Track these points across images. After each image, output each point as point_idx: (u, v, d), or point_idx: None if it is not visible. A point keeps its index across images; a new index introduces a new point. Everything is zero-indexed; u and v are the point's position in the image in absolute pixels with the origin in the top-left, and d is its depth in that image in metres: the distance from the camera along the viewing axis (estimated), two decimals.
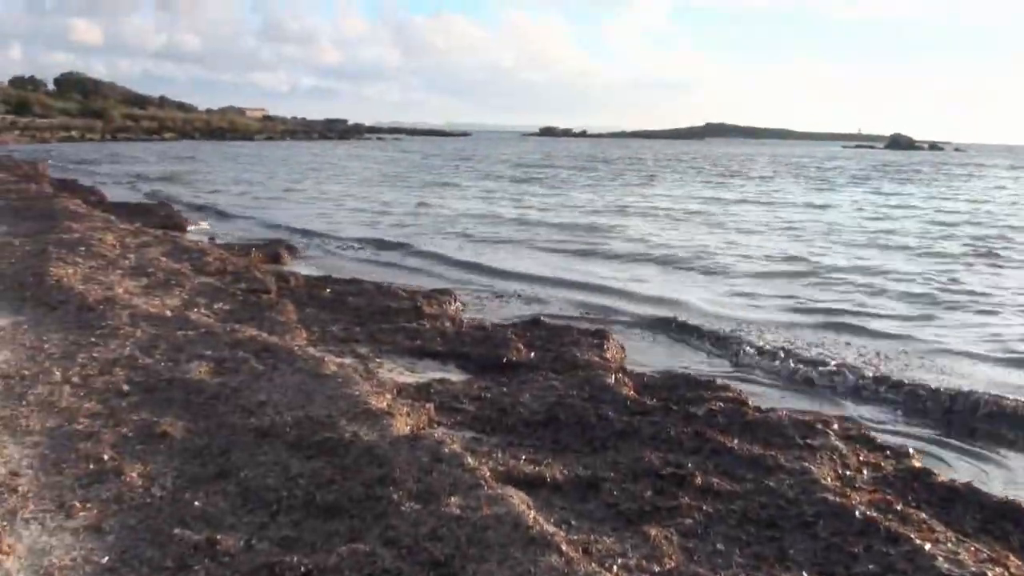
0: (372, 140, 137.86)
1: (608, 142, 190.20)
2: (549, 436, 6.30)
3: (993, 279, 15.16)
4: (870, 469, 6.04)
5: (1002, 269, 16.61)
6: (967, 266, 16.93)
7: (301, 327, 9.21)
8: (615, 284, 13.72)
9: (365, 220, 22.90)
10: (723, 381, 8.18)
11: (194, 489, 4.74)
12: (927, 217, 27.98)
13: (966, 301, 12.97)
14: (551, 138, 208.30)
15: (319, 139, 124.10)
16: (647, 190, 38.35)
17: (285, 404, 6.05)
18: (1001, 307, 12.54)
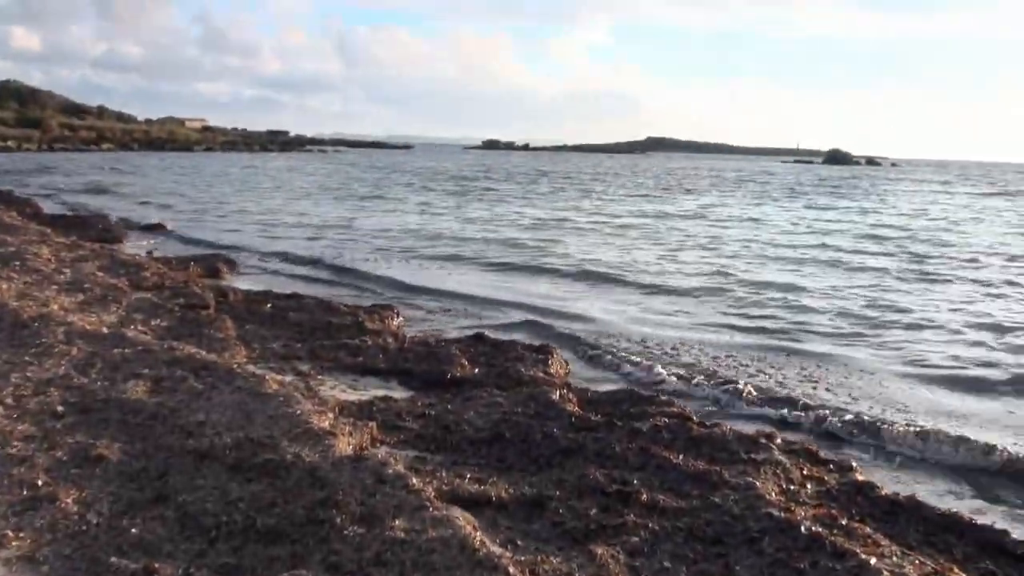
0: (314, 152, 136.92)
1: (550, 155, 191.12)
2: (494, 454, 6.25)
3: (922, 296, 15.25)
4: (814, 483, 6.07)
5: (933, 284, 16.78)
6: (898, 281, 17.08)
7: (241, 344, 9.07)
8: (545, 302, 13.58)
9: (303, 235, 22.62)
10: (667, 396, 8.19)
11: (131, 515, 4.61)
12: (859, 231, 28.29)
13: (892, 318, 13.04)
14: (494, 151, 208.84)
15: (260, 151, 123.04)
16: (585, 203, 38.47)
17: (224, 424, 5.92)
18: (927, 324, 12.61)
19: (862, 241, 25.17)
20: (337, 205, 33.41)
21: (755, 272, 17.67)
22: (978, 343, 11.35)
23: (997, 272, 18.60)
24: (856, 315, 13.19)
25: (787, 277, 17.12)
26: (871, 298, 14.71)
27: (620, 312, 13.03)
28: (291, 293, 12.52)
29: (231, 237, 21.56)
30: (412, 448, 6.30)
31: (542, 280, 16.18)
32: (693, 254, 20.82)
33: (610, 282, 16.00)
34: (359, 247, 20.21)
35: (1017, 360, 10.39)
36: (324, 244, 20.62)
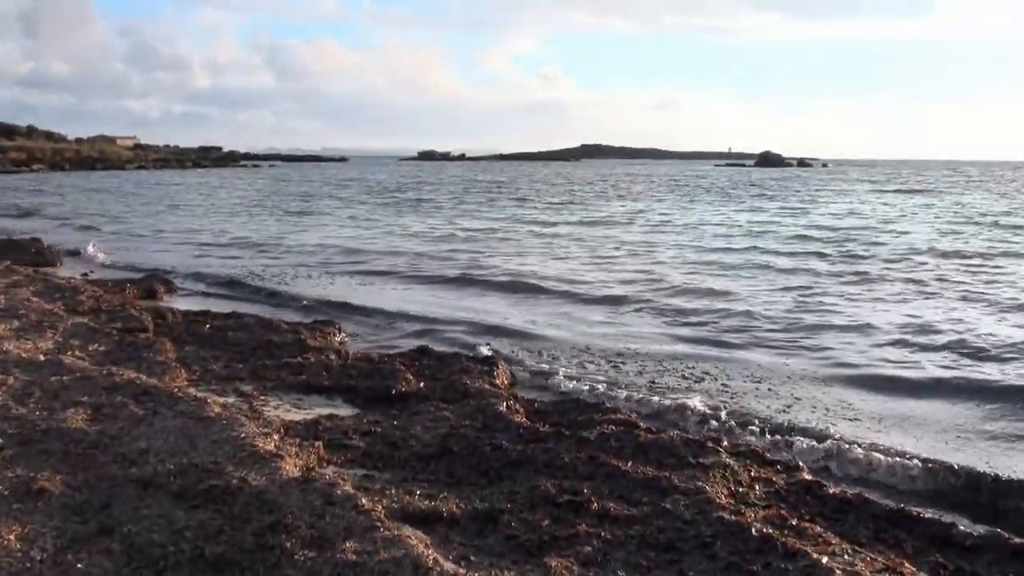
0: (247, 167, 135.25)
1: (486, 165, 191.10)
2: (443, 469, 6.20)
3: (854, 298, 15.22)
4: (762, 484, 6.11)
5: (864, 285, 16.86)
6: (830, 282, 17.20)
7: (181, 366, 8.91)
8: (482, 316, 13.39)
9: (237, 253, 22.30)
10: (614, 403, 8.20)
11: (76, 549, 4.48)
12: (789, 233, 28.50)
13: (825, 321, 13.04)
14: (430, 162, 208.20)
15: (193, 167, 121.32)
16: (518, 212, 38.35)
17: (167, 451, 5.80)
18: (859, 327, 12.59)
19: (791, 242, 25.35)
20: (269, 221, 33.00)
21: (688, 278, 17.66)
22: (908, 344, 11.38)
23: (927, 271, 18.77)
24: (790, 319, 13.24)
25: (720, 282, 17.11)
26: (803, 302, 14.73)
27: (557, 323, 12.95)
28: (230, 312, 12.33)
29: (165, 257, 21.20)
30: (360, 467, 6.23)
31: (478, 292, 16.04)
32: (627, 261, 20.79)
33: (546, 292, 15.85)
34: (293, 264, 19.93)
35: (948, 361, 10.47)
36: (259, 262, 20.31)
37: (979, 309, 13.99)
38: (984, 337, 11.54)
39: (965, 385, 9.34)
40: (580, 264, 20.28)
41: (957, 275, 18.13)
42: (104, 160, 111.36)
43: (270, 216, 36.01)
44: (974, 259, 21.12)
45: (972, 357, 10.61)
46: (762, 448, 7.03)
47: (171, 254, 22.07)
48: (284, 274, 18.02)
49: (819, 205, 45.54)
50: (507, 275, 17.92)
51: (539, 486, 5.69)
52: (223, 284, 16.82)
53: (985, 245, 24.15)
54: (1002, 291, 15.78)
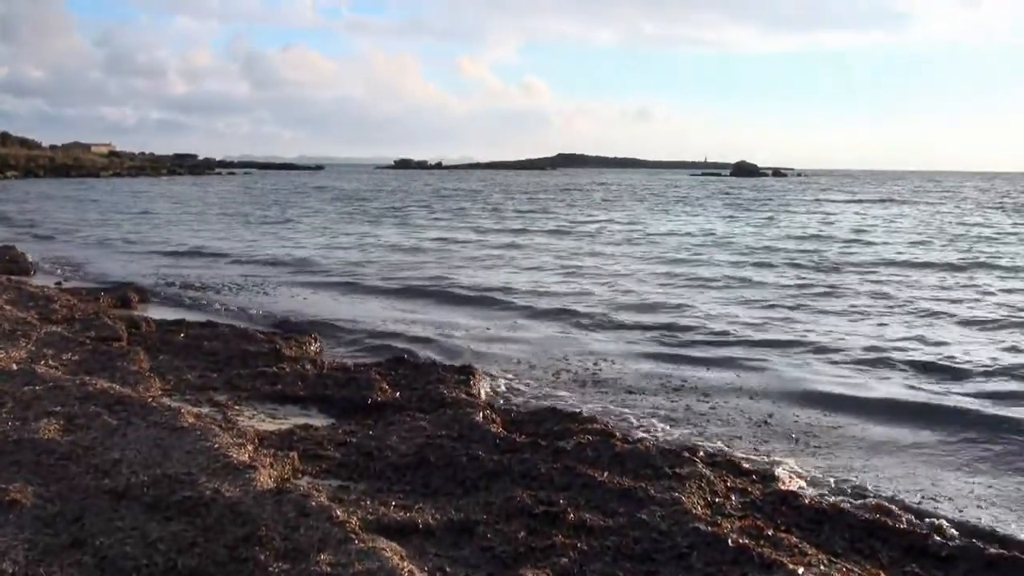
0: (223, 175, 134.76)
1: (462, 173, 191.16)
2: (419, 479, 6.17)
3: (810, 312, 15.08)
4: (738, 494, 6.12)
5: (829, 299, 16.51)
6: (799, 294, 17.00)
7: (155, 376, 8.83)
8: (447, 329, 13.19)
9: (209, 263, 22.09)
10: (590, 413, 8.19)
11: (48, 562, 4.42)
12: (757, 244, 28.38)
13: (771, 337, 12.68)
14: (406, 170, 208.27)
15: (168, 175, 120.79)
16: (488, 223, 37.95)
17: (141, 462, 5.74)
18: (825, 343, 12.26)
19: (758, 253, 25.33)
20: (241, 230, 32.71)
21: (650, 290, 17.54)
22: (868, 362, 11.20)
23: (893, 285, 18.42)
24: (761, 330, 13.22)
25: (682, 294, 17.06)
26: (765, 315, 14.64)
27: (519, 335, 12.81)
28: (205, 321, 12.24)
29: (138, 266, 21.04)
30: (335, 477, 6.20)
31: (445, 305, 15.79)
32: (591, 272, 20.58)
33: (507, 304, 15.63)
34: (261, 275, 19.74)
35: (910, 381, 10.27)
36: (231, 272, 20.10)
37: (945, 325, 13.80)
38: (949, 356, 11.38)
39: (923, 408, 9.13)
40: (544, 275, 20.10)
41: (924, 288, 18.00)
42: (79, 167, 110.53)
43: (242, 225, 35.68)
44: (943, 271, 21.05)
45: (934, 376, 10.45)
46: (738, 458, 7.05)
47: (146, 262, 21.88)
48: (255, 284, 17.82)
49: (787, 215, 45.48)
50: (473, 287, 17.67)
51: (515, 497, 5.67)
52: (198, 292, 16.67)
53: (955, 257, 24.12)
54: (969, 307, 15.59)
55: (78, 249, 24.93)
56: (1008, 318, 14.31)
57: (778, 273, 20.74)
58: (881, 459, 7.46)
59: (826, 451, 7.64)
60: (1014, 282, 19.18)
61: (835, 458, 7.45)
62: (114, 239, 28.60)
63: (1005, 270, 21.39)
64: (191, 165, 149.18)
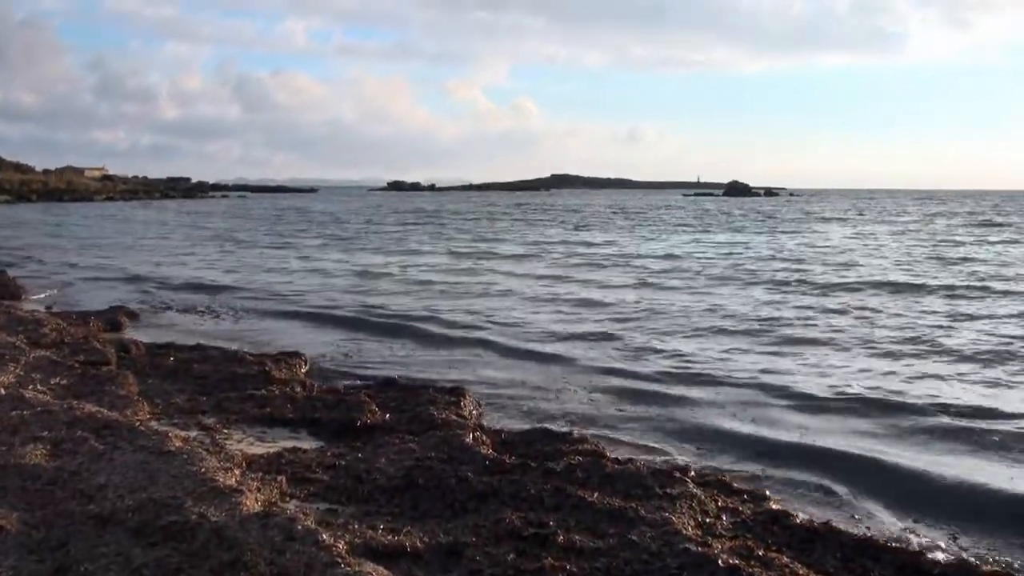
0: (215, 198, 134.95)
1: (455, 195, 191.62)
2: (408, 502, 6.12)
3: (788, 342, 14.41)
4: (729, 515, 6.07)
5: (799, 328, 15.36)
6: (772, 317, 16.53)
7: (143, 400, 8.76)
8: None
9: (199, 288, 21.85)
10: (580, 433, 8.13)
11: None
12: (747, 265, 27.95)
13: (747, 367, 11.96)
14: (398, 192, 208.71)
15: (161, 198, 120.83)
16: (480, 245, 37.53)
17: (127, 486, 5.68)
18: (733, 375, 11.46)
19: (738, 274, 24.94)
20: (233, 254, 32.43)
21: (633, 311, 17.46)
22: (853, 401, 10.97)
23: (881, 309, 17.56)
24: (729, 358, 12.71)
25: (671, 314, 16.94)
26: (746, 338, 14.20)
27: (509, 359, 12.62)
28: (195, 344, 12.17)
29: (134, 287, 21.00)
30: (323, 500, 6.13)
31: (412, 334, 14.88)
32: (575, 297, 20.16)
33: (492, 331, 15.24)
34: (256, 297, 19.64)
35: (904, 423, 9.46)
36: (223, 297, 19.95)
37: (938, 360, 12.52)
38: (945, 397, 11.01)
39: (913, 427, 9.10)
40: (520, 301, 19.79)
41: (913, 314, 17.03)
42: (72, 191, 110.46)
43: (241, 246, 35.48)
44: (934, 295, 20.05)
45: (926, 396, 10.31)
46: (729, 478, 7.00)
47: (139, 284, 21.81)
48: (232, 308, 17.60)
49: (774, 236, 45.02)
50: (462, 319, 17.22)
51: (505, 519, 5.62)
52: (189, 314, 16.60)
53: (948, 280, 23.11)
54: (958, 336, 14.48)
55: (68, 273, 24.80)
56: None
57: (765, 292, 20.64)
58: (870, 477, 7.42)
59: (818, 470, 7.59)
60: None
61: (827, 477, 7.40)
62: (103, 264, 28.47)
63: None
64: (184, 189, 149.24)
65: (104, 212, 74.06)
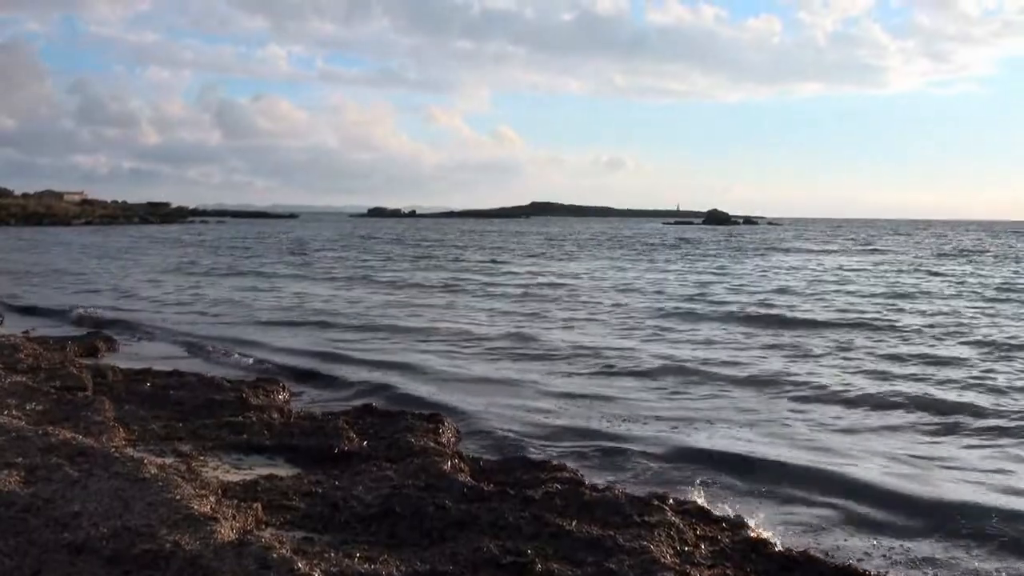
0: (196, 223, 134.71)
1: (433, 222, 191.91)
2: (385, 530, 6.07)
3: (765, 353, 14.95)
4: (708, 543, 6.05)
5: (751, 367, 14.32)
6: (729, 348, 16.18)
7: (119, 426, 8.69)
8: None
9: (180, 311, 21.82)
10: (558, 461, 8.10)
11: None
12: (695, 293, 27.76)
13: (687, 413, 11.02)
14: (379, 219, 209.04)
15: (140, 223, 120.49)
16: (441, 274, 36.93)
17: (101, 514, 5.61)
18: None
19: (696, 303, 24.69)
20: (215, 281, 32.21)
21: (620, 337, 17.55)
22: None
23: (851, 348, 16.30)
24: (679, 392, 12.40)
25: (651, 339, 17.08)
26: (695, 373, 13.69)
27: (490, 385, 12.63)
28: (172, 370, 12.09)
29: (112, 313, 20.85)
30: (299, 528, 6.08)
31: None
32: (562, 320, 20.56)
33: (474, 353, 15.48)
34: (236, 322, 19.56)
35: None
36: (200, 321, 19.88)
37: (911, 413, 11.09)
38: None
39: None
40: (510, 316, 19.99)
41: (884, 353, 15.69)
42: (51, 215, 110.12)
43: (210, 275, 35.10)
44: (906, 333, 18.56)
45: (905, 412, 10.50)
46: (708, 506, 6.98)
47: (118, 310, 21.65)
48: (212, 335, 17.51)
49: (742, 263, 45.14)
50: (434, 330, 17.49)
51: (482, 547, 5.58)
52: (165, 340, 16.54)
53: (918, 320, 21.06)
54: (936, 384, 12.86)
55: (48, 297, 24.62)
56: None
57: (720, 325, 20.10)
58: (851, 503, 7.43)
59: (799, 499, 7.59)
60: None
61: (805, 504, 7.41)
62: (88, 287, 28.30)
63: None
64: (164, 213, 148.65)
65: (60, 239, 72.25)
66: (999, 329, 18.95)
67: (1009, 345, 16.42)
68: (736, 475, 8.18)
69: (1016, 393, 12.02)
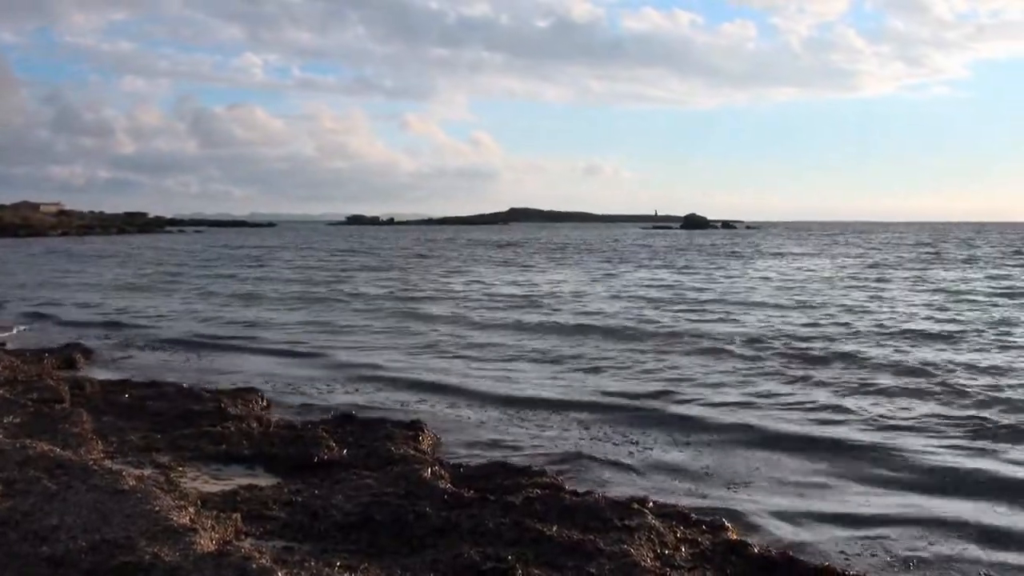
0: (172, 233, 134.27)
1: (412, 229, 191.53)
2: (365, 538, 6.06)
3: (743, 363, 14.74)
4: (688, 546, 6.07)
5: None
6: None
7: (97, 438, 8.65)
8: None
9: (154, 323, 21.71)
10: (539, 467, 8.12)
11: None
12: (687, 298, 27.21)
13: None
14: (358, 227, 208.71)
15: (117, 233, 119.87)
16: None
17: (80, 527, 5.58)
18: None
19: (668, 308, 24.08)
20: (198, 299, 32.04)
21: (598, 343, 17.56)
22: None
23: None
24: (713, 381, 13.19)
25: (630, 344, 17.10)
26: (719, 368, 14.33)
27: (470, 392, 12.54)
28: (150, 381, 12.04)
29: (89, 322, 20.79)
30: (279, 538, 6.07)
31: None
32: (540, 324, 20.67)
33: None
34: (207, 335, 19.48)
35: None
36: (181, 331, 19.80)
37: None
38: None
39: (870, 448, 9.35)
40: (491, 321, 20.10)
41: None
42: (27, 226, 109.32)
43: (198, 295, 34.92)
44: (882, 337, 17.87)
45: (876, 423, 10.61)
46: (688, 508, 7.00)
47: (95, 321, 21.57)
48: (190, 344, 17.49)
49: (718, 268, 44.39)
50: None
51: (463, 554, 5.59)
52: (145, 350, 16.47)
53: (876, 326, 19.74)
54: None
55: (25, 311, 24.47)
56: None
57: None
58: (828, 503, 7.48)
59: (778, 498, 7.64)
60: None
61: (782, 505, 7.45)
62: (61, 301, 28.10)
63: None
64: (142, 223, 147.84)
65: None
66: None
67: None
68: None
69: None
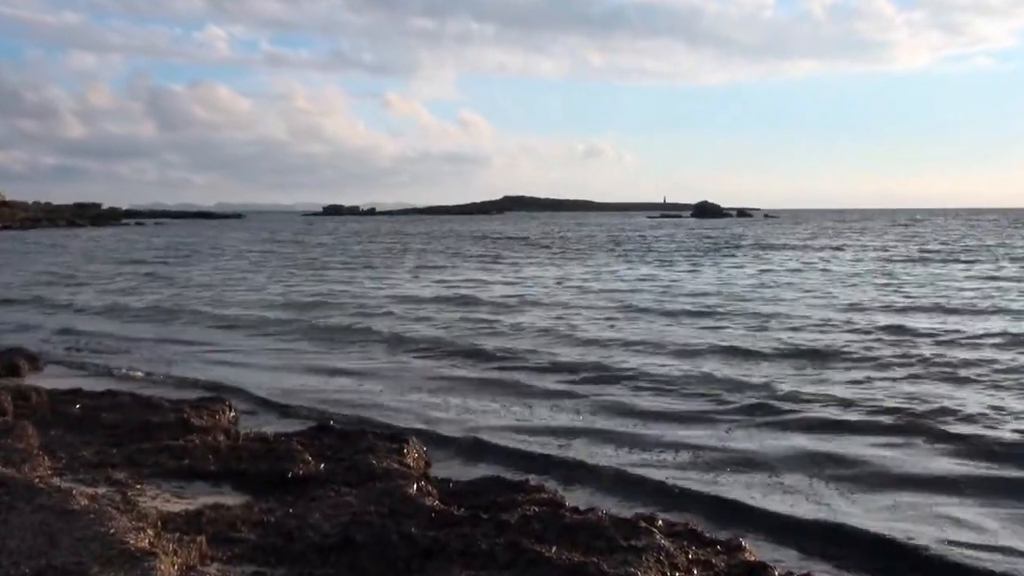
0: (128, 226, 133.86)
1: (397, 219, 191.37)
2: (345, 562, 6.06)
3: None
4: (701, 568, 6.08)
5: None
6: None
7: (44, 454, 8.62)
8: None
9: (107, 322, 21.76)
10: (536, 482, 8.12)
11: None
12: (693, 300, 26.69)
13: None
14: (336, 217, 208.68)
15: (67, 225, 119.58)
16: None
17: (24, 552, 5.56)
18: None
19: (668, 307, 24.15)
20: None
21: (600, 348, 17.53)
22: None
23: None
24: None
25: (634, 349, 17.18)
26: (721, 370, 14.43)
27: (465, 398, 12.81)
28: (104, 390, 12.01)
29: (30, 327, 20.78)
30: (249, 562, 6.05)
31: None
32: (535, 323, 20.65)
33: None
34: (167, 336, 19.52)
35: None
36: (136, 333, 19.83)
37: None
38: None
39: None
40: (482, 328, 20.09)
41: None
42: None
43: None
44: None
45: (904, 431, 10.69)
46: (701, 527, 7.01)
47: (38, 326, 21.56)
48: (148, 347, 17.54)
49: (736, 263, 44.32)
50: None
51: None
52: (95, 355, 16.47)
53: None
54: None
55: None
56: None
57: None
58: None
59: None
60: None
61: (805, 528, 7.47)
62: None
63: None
64: (94, 215, 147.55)
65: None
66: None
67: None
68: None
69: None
